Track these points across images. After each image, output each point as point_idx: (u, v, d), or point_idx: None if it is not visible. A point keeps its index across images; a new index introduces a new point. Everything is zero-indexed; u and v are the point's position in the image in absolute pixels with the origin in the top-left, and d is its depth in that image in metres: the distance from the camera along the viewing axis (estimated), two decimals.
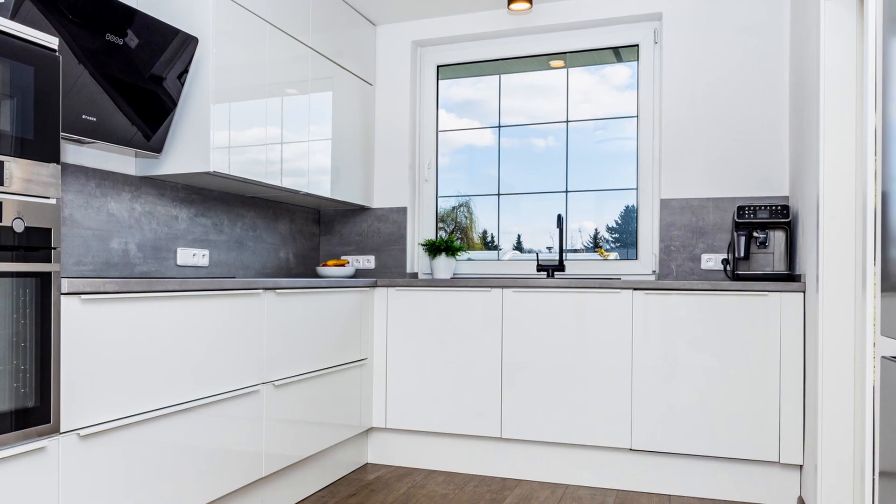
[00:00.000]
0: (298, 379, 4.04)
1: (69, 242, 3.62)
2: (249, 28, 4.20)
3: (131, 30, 3.47)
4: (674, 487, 4.36)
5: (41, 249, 2.47)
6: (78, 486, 2.65)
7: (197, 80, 3.90)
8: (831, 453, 3.48)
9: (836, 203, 3.47)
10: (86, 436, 2.67)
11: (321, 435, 4.28)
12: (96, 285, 2.70)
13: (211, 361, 3.36)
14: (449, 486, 4.46)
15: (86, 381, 2.68)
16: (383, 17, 5.61)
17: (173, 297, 3.13)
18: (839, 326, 3.48)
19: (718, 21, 4.93)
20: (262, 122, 4.33)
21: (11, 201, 2.37)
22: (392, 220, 5.72)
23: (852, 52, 3.46)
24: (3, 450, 2.33)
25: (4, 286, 2.34)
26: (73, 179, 3.64)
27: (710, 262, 4.92)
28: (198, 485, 3.27)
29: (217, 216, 4.66)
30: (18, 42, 2.40)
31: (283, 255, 5.39)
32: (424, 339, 4.81)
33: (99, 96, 3.40)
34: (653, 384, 4.33)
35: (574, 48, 5.41)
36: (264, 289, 3.76)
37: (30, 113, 2.43)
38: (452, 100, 5.81)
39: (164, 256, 4.24)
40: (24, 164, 2.41)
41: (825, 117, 3.50)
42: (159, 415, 3.03)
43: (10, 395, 2.35)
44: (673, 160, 5.01)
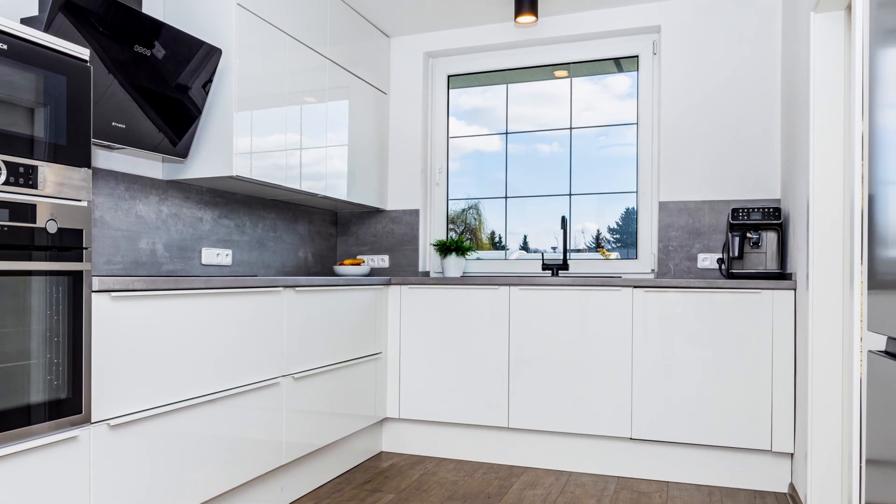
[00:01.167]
0: (317, 372, 4.02)
1: (100, 243, 3.60)
2: (270, 40, 4.19)
3: (158, 42, 3.46)
4: (672, 474, 4.35)
5: (73, 249, 2.46)
6: (108, 474, 2.63)
7: (220, 89, 3.89)
8: (821, 442, 3.48)
9: (825, 205, 3.48)
10: (115, 426, 2.66)
11: (338, 425, 4.26)
12: (125, 283, 2.69)
13: (233, 355, 3.35)
14: (459, 473, 4.44)
15: (115, 373, 2.67)
16: (397, 29, 5.59)
17: (198, 294, 3.11)
18: (828, 322, 3.49)
19: (714, 33, 4.92)
20: (283, 129, 4.31)
21: (45, 204, 2.35)
22: (405, 221, 5.70)
23: (840, 63, 3.48)
24: (37, 439, 2.33)
25: (39, 284, 2.32)
26: (104, 183, 3.63)
27: (706, 261, 4.90)
28: (221, 472, 3.26)
29: (239, 218, 4.64)
30: (52, 53, 2.39)
31: (302, 254, 5.37)
32: (436, 334, 4.80)
33: (128, 104, 3.39)
34: (652, 377, 4.32)
35: (577, 59, 5.39)
36: (284, 287, 3.75)
37: (62, 120, 2.42)
38: (462, 108, 5.79)
39: (190, 256, 4.22)
40: (57, 168, 2.40)
41: (815, 124, 3.51)
42: (185, 406, 3.02)
43: (45, 388, 2.34)
44: (671, 165, 5.00)
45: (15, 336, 2.24)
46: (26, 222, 2.29)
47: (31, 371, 2.29)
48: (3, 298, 2.20)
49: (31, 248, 2.31)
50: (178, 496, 2.99)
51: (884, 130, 1.92)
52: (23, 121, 2.28)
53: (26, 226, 2.29)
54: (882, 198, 1.92)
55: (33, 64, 2.32)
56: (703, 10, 4.95)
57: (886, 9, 1.91)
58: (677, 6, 5.01)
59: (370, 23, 5.42)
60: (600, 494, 4.07)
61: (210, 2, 3.91)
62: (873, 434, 2.04)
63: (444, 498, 3.99)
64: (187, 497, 3.04)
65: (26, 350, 2.28)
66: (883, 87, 1.94)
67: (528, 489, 4.16)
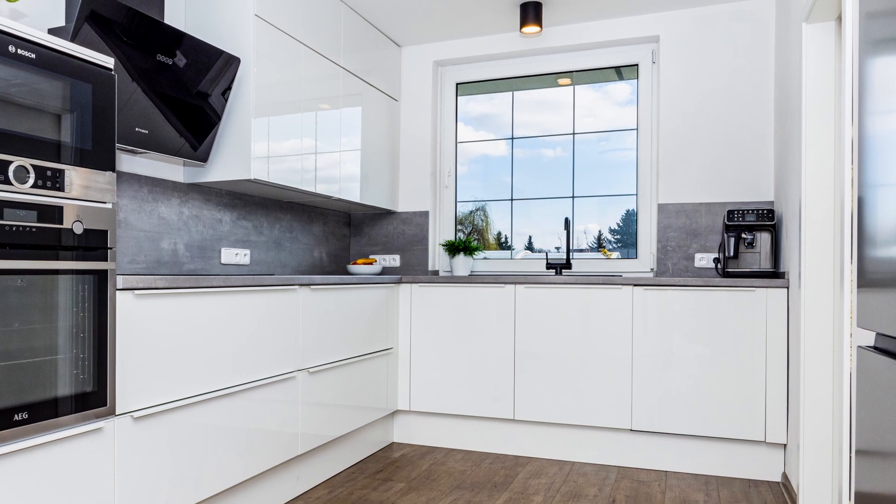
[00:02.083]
0: (331, 366, 4.02)
1: (124, 243, 3.61)
2: (286, 49, 4.19)
3: (180, 51, 3.46)
4: (670, 464, 4.34)
5: (98, 249, 2.46)
6: (131, 463, 2.64)
7: (239, 97, 3.89)
8: (812, 433, 3.48)
9: (816, 207, 3.47)
10: (139, 418, 2.66)
11: (351, 417, 4.26)
12: (148, 282, 2.69)
13: (251, 350, 3.35)
14: (467, 463, 4.44)
15: (138, 368, 2.67)
16: (407, 39, 5.59)
17: (218, 292, 3.12)
18: (819, 319, 3.48)
19: (710, 43, 4.92)
20: (298, 134, 4.31)
21: (72, 206, 2.36)
22: (415, 222, 5.70)
23: (831, 71, 3.47)
24: (64, 430, 2.33)
25: (66, 283, 2.33)
26: (128, 186, 3.63)
27: (703, 260, 4.89)
28: (239, 462, 3.26)
29: (257, 219, 4.65)
30: (78, 62, 2.39)
31: (317, 254, 5.38)
32: (445, 330, 4.80)
33: (151, 111, 3.40)
34: (651, 371, 4.32)
35: (580, 67, 5.38)
36: (300, 285, 3.75)
37: (88, 126, 2.42)
38: (470, 114, 5.78)
39: (210, 256, 4.23)
40: (83, 172, 2.40)
41: (807, 129, 3.50)
42: (205, 399, 3.02)
43: (71, 381, 2.34)
44: (669, 168, 4.99)
45: (43, 332, 2.25)
46: (54, 223, 2.29)
47: (58, 365, 2.30)
48: (31, 296, 2.21)
49: (58, 248, 2.31)
50: (199, 485, 3.00)
51: (872, 136, 1.91)
52: (50, 126, 2.29)
53: (54, 227, 2.29)
54: (871, 200, 1.92)
55: (60, 72, 2.33)
56: (700, 20, 4.95)
57: (875, 20, 1.91)
58: (675, 17, 5.01)
59: (382, 33, 5.42)
60: (601, 483, 4.07)
61: (229, 13, 3.92)
62: (862, 425, 2.04)
63: (453, 487, 3.99)
64: (207, 486, 3.05)
65: (54, 346, 2.28)
66: (871, 95, 1.94)
67: (532, 478, 4.16)
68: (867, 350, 1.98)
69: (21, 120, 2.18)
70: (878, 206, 1.85)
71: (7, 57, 2.14)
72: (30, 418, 2.20)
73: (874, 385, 1.90)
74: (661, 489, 3.98)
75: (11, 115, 2.15)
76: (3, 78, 2.13)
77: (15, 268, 2.15)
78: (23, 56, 2.20)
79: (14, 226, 2.16)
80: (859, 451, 2.10)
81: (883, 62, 1.84)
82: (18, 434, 2.17)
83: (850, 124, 2.70)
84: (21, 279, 2.18)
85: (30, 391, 2.20)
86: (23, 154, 2.18)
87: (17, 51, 2.18)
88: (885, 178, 1.80)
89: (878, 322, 1.85)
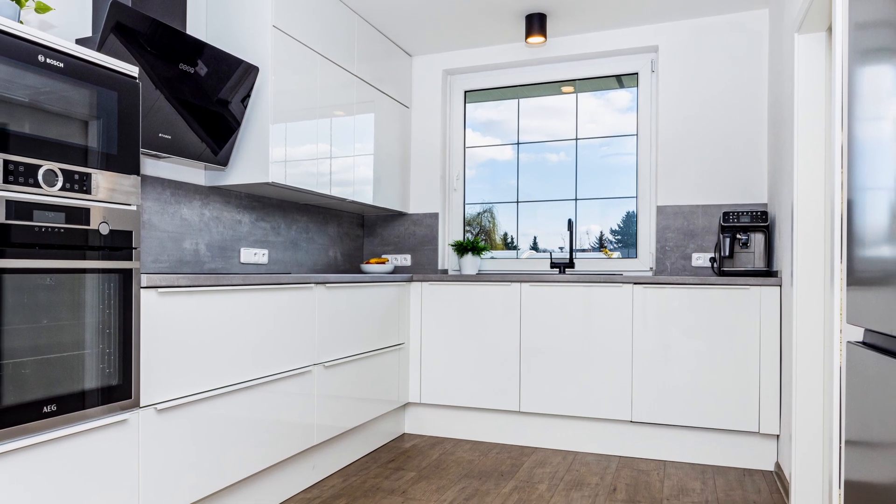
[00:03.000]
0: (345, 361, 4.03)
1: (148, 243, 3.62)
2: (303, 58, 4.19)
3: (201, 60, 3.47)
4: (668, 454, 4.34)
5: (123, 249, 2.47)
6: (155, 453, 2.64)
7: (258, 104, 3.90)
8: (804, 424, 3.47)
9: (808, 209, 3.46)
10: (162, 410, 2.67)
11: (365, 409, 4.26)
12: (171, 280, 2.70)
13: (269, 345, 3.36)
14: (475, 453, 4.44)
15: (161, 362, 2.68)
16: (418, 49, 5.59)
17: (237, 290, 3.12)
18: (811, 315, 3.47)
19: (706, 53, 4.91)
20: (314, 140, 4.31)
21: (98, 208, 2.36)
22: (426, 223, 5.70)
23: (822, 79, 3.47)
24: (91, 422, 2.34)
25: (92, 281, 2.34)
26: (151, 189, 3.64)
27: (700, 260, 4.88)
28: (258, 452, 3.26)
29: (275, 220, 4.65)
30: (104, 70, 2.40)
31: (332, 253, 5.38)
32: (454, 326, 4.79)
33: (173, 117, 3.40)
34: (650, 365, 4.31)
35: (582, 76, 5.37)
36: (316, 283, 3.75)
37: (114, 132, 2.43)
38: (477, 120, 5.78)
39: (230, 255, 4.24)
40: (109, 175, 2.41)
41: (798, 135, 3.50)
42: (225, 392, 3.03)
43: (98, 375, 2.35)
44: (667, 172, 4.98)
45: (71, 328, 2.25)
46: (81, 224, 2.30)
47: (85, 360, 2.30)
48: (60, 294, 2.22)
49: (85, 248, 2.32)
50: (219, 474, 3.00)
51: (861, 141, 1.91)
52: (78, 132, 2.29)
53: (81, 228, 2.30)
54: (860, 202, 1.91)
55: (87, 80, 2.33)
56: (697, 31, 4.94)
57: (863, 31, 1.91)
58: (673, 28, 5.00)
59: (394, 43, 5.42)
60: (603, 472, 4.06)
61: (248, 24, 3.92)
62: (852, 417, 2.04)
63: (462, 475, 3.99)
64: (228, 475, 3.06)
65: (81, 341, 2.29)
66: (860, 102, 1.93)
67: (537, 467, 4.15)
68: (856, 345, 1.98)
69: (50, 126, 2.19)
70: (866, 208, 1.85)
71: (37, 66, 2.15)
72: (58, 410, 2.21)
73: (863, 379, 1.90)
74: (660, 478, 3.97)
75: (41, 122, 2.16)
76: (32, 86, 2.14)
77: (44, 267, 2.16)
78: (52, 65, 2.20)
79: (43, 227, 2.16)
80: (849, 441, 2.09)
81: (871, 71, 1.84)
82: (48, 425, 2.18)
83: (840, 130, 2.69)
84: (50, 278, 2.19)
85: (58, 384, 2.21)
86: (51, 158, 2.19)
87: (47, 60, 2.18)
88: (873, 181, 1.80)
89: (867, 318, 1.85)
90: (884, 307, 1.72)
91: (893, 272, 1.65)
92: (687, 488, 3.81)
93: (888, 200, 1.68)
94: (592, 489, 3.78)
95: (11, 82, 2.07)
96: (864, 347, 1.89)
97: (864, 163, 1.87)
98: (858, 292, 1.93)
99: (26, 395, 2.10)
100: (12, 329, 2.05)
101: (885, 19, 1.71)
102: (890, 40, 1.68)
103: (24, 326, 2.09)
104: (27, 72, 2.12)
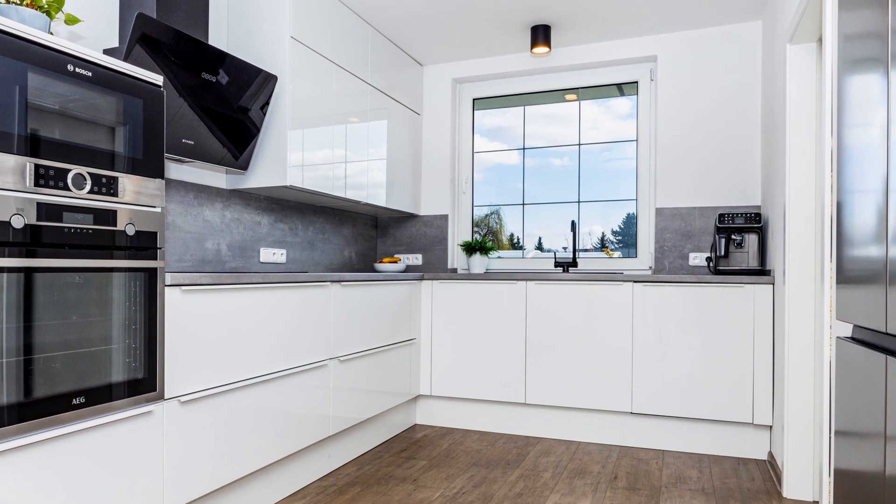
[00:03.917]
0: (359, 355, 4.03)
1: (172, 243, 3.63)
2: (319, 68, 4.20)
3: (223, 69, 3.48)
4: (667, 444, 4.33)
5: (149, 249, 2.48)
6: (178, 443, 2.65)
7: (276, 111, 3.90)
8: (795, 416, 3.47)
9: (799, 211, 3.47)
10: (185, 402, 2.68)
11: (378, 401, 4.26)
12: (194, 278, 2.70)
13: (287, 340, 3.36)
14: (482, 443, 4.43)
15: (185, 357, 2.69)
16: (429, 59, 5.59)
17: (257, 288, 3.13)
18: (802, 312, 3.48)
19: (703, 62, 4.89)
20: (330, 145, 4.32)
21: (125, 210, 2.37)
22: (436, 225, 5.70)
23: (812, 88, 3.48)
24: (118, 413, 2.34)
25: (119, 279, 2.34)
26: (175, 192, 3.65)
27: (696, 259, 4.86)
28: (276, 442, 3.27)
29: (293, 222, 4.66)
30: (130, 79, 2.41)
31: (347, 253, 5.38)
32: (462, 322, 4.79)
33: (196, 124, 3.41)
34: (649, 359, 4.30)
35: (585, 84, 5.36)
36: (331, 281, 3.75)
37: (139, 137, 2.44)
38: (485, 126, 5.77)
39: (250, 255, 4.24)
40: (135, 179, 2.42)
41: (790, 140, 3.50)
42: (245, 384, 3.03)
43: (124, 369, 2.36)
44: (666, 176, 4.96)
45: (98, 324, 2.26)
46: (108, 226, 2.31)
47: (112, 354, 2.31)
48: (88, 292, 2.23)
49: (112, 248, 2.33)
50: (240, 463, 3.01)
51: (850, 146, 1.90)
52: (105, 138, 2.30)
53: (108, 229, 2.31)
54: (848, 204, 1.91)
55: (114, 89, 2.34)
56: (694, 42, 4.92)
57: (852, 42, 1.91)
58: (671, 39, 4.99)
59: (406, 53, 5.42)
60: (605, 461, 4.05)
61: (267, 35, 3.93)
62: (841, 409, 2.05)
63: (470, 464, 3.99)
64: (247, 463, 3.06)
65: (108, 336, 2.30)
66: (849, 110, 1.93)
67: (542, 456, 4.14)
68: (845, 340, 1.98)
69: (78, 132, 2.20)
70: (854, 210, 1.84)
71: (66, 75, 2.16)
72: (87, 402, 2.22)
73: (851, 372, 1.89)
74: (659, 466, 3.96)
75: (70, 128, 2.17)
76: (62, 94, 2.14)
77: (73, 266, 2.17)
78: (80, 74, 2.21)
79: (72, 228, 2.17)
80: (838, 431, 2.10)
81: (859, 80, 1.83)
82: (76, 417, 2.19)
83: (830, 136, 2.68)
84: (79, 276, 2.19)
85: (86, 378, 2.21)
86: (80, 163, 2.20)
87: (76, 69, 2.19)
88: (861, 184, 1.79)
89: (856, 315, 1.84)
90: (871, 304, 1.71)
91: (880, 271, 1.64)
92: (684, 476, 3.79)
93: (875, 203, 1.67)
94: (594, 477, 3.77)
95: (42, 90, 2.08)
96: (853, 343, 1.89)
97: (853, 167, 1.87)
98: (847, 290, 1.92)
99: (56, 388, 2.11)
100: (43, 325, 2.06)
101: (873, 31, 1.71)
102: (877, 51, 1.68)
103: (54, 322, 2.10)
104: (57, 80, 2.13)
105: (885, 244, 1.61)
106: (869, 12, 1.75)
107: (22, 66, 2.02)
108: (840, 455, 2.06)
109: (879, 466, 1.64)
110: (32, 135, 2.04)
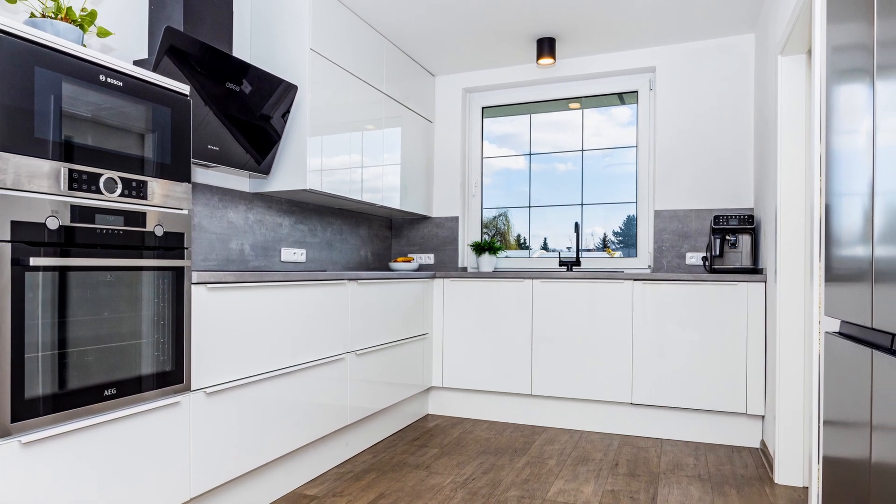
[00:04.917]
0: (375, 349, 4.03)
1: (198, 244, 3.64)
2: (337, 78, 4.20)
3: (246, 79, 3.49)
4: (665, 432, 4.31)
5: (176, 249, 2.49)
6: (204, 432, 2.66)
7: (296, 118, 3.91)
8: (786, 406, 3.46)
9: (790, 213, 3.47)
10: (211, 393, 2.68)
11: (392, 392, 4.26)
12: (219, 277, 2.71)
13: (307, 335, 3.36)
14: (491, 432, 4.43)
15: (210, 350, 2.69)
16: (440, 69, 5.59)
17: (278, 286, 3.13)
18: (792, 308, 3.47)
19: (699, 73, 4.87)
20: (347, 151, 4.32)
21: (154, 212, 2.38)
22: (447, 226, 5.70)
23: (802, 96, 3.48)
24: (147, 404, 2.36)
25: (149, 278, 2.35)
26: (201, 195, 3.66)
27: (693, 258, 4.85)
28: (296, 431, 3.27)
29: (312, 223, 4.67)
30: (158, 89, 2.42)
31: (363, 253, 5.39)
32: (472, 318, 4.79)
33: (221, 131, 3.42)
34: (648, 353, 4.29)
35: (588, 93, 5.35)
36: (349, 280, 3.76)
37: (167, 144, 2.45)
38: (493, 133, 5.77)
39: (271, 255, 4.25)
40: (163, 183, 2.43)
41: (781, 146, 3.50)
42: (267, 377, 3.04)
43: (153, 362, 2.37)
44: (664, 180, 4.95)
45: (129, 320, 2.27)
46: (138, 227, 2.32)
47: (141, 348, 2.32)
48: (119, 289, 2.24)
49: (141, 248, 2.34)
50: (263, 450, 3.02)
51: (838, 152, 1.90)
52: (135, 144, 2.31)
53: (138, 230, 2.32)
54: (836, 207, 1.90)
55: (144, 97, 2.35)
56: (691, 54, 4.90)
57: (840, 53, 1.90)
58: (669, 51, 4.97)
59: (419, 64, 5.42)
60: (606, 449, 4.04)
61: (288, 47, 3.94)
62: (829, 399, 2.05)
63: (479, 452, 3.98)
64: (269, 451, 3.07)
65: (138, 331, 2.31)
66: (837, 117, 1.92)
67: (547, 445, 4.14)
68: (833, 335, 1.98)
69: (110, 138, 2.21)
70: (842, 212, 1.83)
71: (99, 85, 2.17)
72: (118, 394, 2.23)
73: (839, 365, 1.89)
74: (657, 454, 3.95)
75: (101, 134, 2.18)
76: (94, 102, 2.16)
77: (105, 265, 2.18)
78: (112, 84, 2.22)
79: (104, 229, 2.18)
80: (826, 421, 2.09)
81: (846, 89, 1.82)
82: (108, 407, 2.20)
83: (819, 142, 2.67)
84: (110, 275, 2.20)
85: (117, 370, 2.23)
86: (111, 167, 2.21)
87: (107, 79, 2.20)
88: (848, 188, 1.78)
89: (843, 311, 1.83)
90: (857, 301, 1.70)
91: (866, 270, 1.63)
92: (681, 463, 3.78)
93: (861, 205, 1.66)
94: (597, 464, 3.76)
95: (76, 99, 2.09)
96: (841, 337, 1.88)
97: (841, 171, 1.86)
98: (835, 287, 1.92)
99: (89, 380, 2.12)
100: (77, 320, 2.07)
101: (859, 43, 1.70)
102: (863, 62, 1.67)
103: (87, 318, 2.11)
104: (90, 90, 2.14)
105: (871, 244, 1.60)
106: (856, 25, 1.74)
107: (57, 76, 2.03)
108: (828, 443, 2.05)
109: (865, 454, 1.63)
110: (66, 141, 2.05)
